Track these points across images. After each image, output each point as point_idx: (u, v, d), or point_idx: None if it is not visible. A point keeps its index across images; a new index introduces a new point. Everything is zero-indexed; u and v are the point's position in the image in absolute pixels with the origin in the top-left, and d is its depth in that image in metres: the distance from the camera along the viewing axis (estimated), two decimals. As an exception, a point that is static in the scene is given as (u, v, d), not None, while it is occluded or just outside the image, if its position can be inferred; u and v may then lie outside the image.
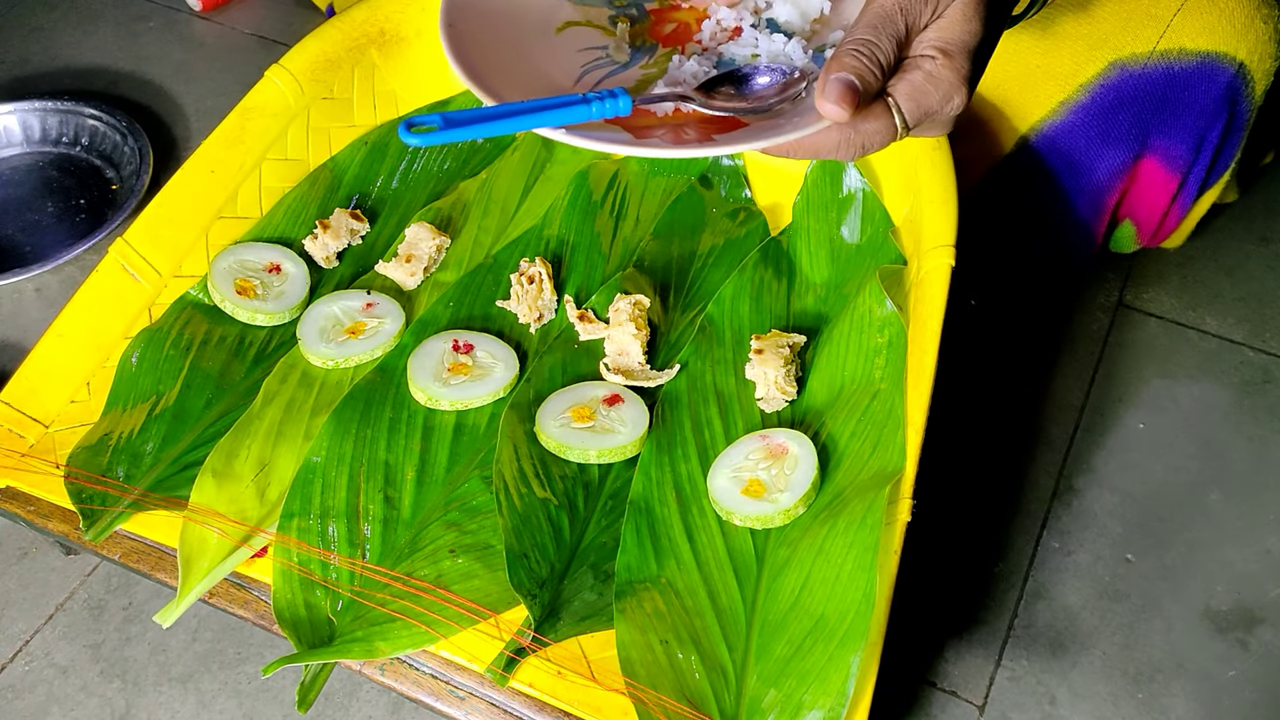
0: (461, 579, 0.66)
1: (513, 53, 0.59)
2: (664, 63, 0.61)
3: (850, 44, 0.53)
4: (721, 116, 0.57)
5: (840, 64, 0.52)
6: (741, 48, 0.62)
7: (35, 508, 0.70)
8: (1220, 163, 0.84)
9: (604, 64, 0.61)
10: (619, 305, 0.78)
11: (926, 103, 0.54)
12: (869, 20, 0.53)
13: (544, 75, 0.59)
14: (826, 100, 0.51)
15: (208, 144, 0.85)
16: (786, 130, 0.54)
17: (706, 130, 0.56)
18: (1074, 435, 0.85)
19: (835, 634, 0.61)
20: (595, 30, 0.63)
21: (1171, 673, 0.73)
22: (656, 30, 0.63)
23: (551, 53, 0.61)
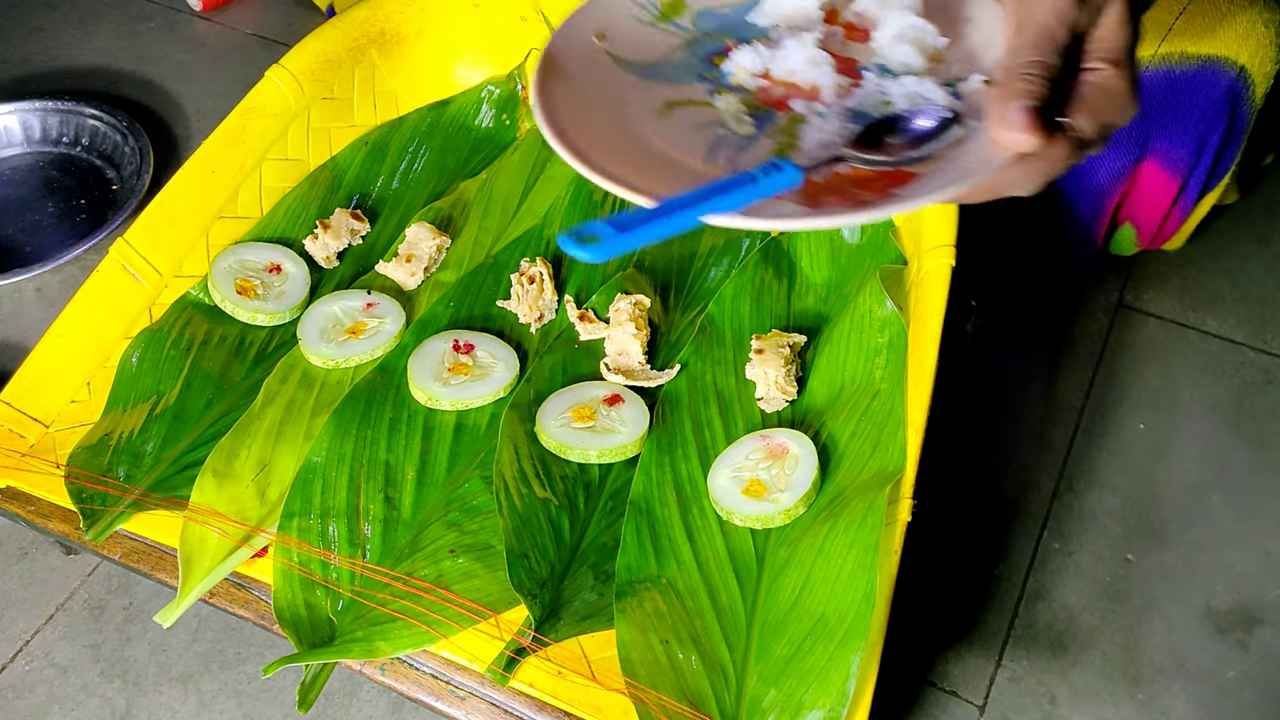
0: (462, 579, 0.66)
1: (633, 145, 0.56)
2: (791, 129, 0.57)
3: (1019, 67, 0.49)
4: (884, 171, 0.53)
5: (1014, 90, 0.49)
6: (869, 97, 0.58)
7: (36, 507, 0.70)
8: (1221, 166, 0.84)
9: (730, 140, 0.57)
10: (619, 305, 0.79)
11: (1103, 117, 0.51)
12: (1031, 39, 0.50)
13: (674, 161, 0.56)
14: (1011, 130, 0.48)
15: (208, 144, 0.85)
16: (971, 172, 0.50)
17: (875, 186, 0.52)
18: (1074, 436, 0.85)
19: (835, 634, 0.61)
20: (701, 107, 0.59)
21: (1172, 673, 0.73)
22: (765, 97, 0.59)
23: (670, 137, 0.57)
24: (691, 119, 0.58)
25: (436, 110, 0.96)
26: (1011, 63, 0.50)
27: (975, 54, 0.59)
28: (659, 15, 0.64)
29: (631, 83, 0.60)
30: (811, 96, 0.58)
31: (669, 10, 0.64)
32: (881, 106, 0.57)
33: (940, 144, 0.53)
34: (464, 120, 0.96)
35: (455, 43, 0.97)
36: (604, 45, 0.61)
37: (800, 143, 0.56)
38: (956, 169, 0.52)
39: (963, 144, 0.53)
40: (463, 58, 0.97)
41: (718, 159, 0.56)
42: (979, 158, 0.51)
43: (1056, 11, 0.50)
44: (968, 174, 0.50)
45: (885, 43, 0.60)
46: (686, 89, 0.60)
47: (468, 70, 0.97)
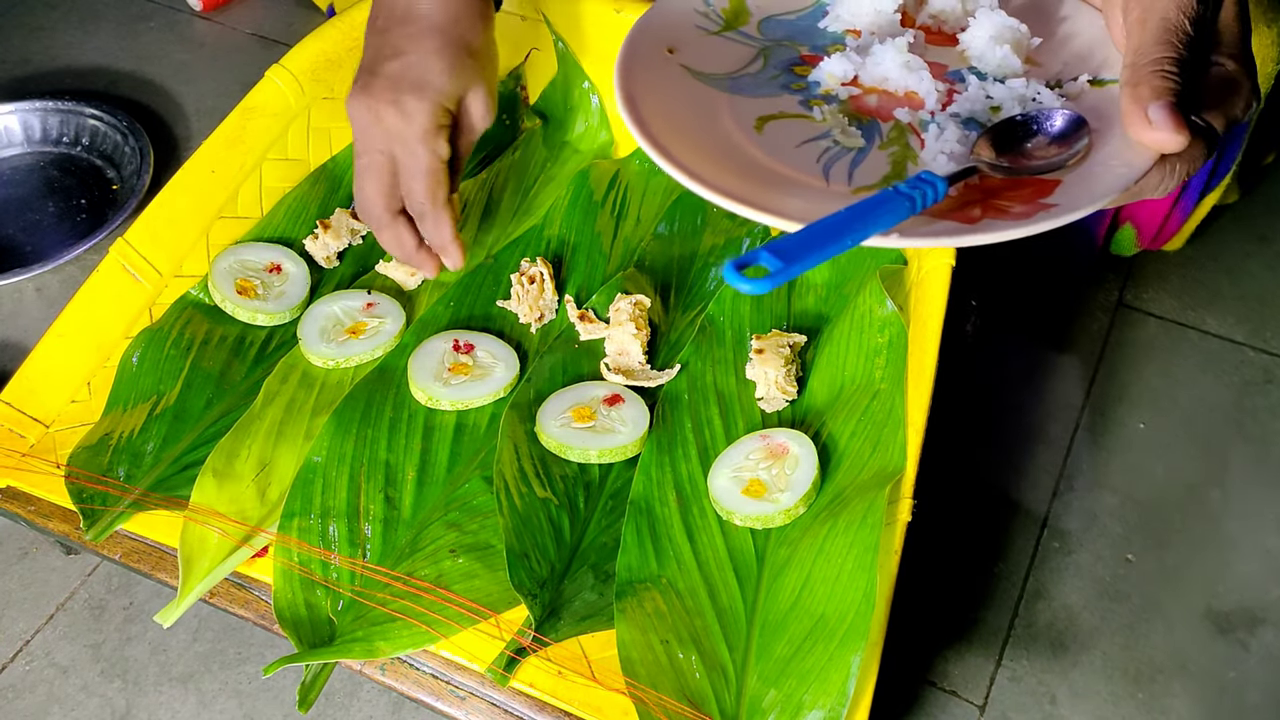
0: (462, 579, 0.66)
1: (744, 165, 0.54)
2: (901, 139, 0.56)
3: (1150, 64, 0.48)
4: (1018, 179, 0.52)
5: (1153, 88, 0.47)
6: (974, 102, 0.56)
7: (36, 507, 0.70)
8: (1221, 166, 0.84)
9: (839, 153, 0.55)
10: (619, 305, 0.78)
11: (1232, 112, 0.50)
12: (1158, 35, 0.49)
13: (793, 180, 0.54)
14: (1159, 130, 0.47)
15: (208, 144, 0.85)
16: (1121, 176, 0.49)
17: (1020, 196, 0.51)
18: (1074, 435, 0.85)
19: (836, 634, 0.61)
20: (797, 120, 0.57)
21: (1172, 673, 0.73)
22: (861, 105, 0.58)
23: (776, 153, 0.55)
24: (791, 133, 0.56)
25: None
26: (1140, 60, 0.49)
27: (1072, 55, 0.57)
28: (723, 25, 0.62)
29: (718, 96, 0.58)
30: (914, 104, 0.57)
31: (732, 19, 0.62)
32: (989, 111, 0.56)
33: (1073, 149, 0.51)
34: (464, 120, 0.96)
35: (455, 42, 0.96)
36: (677, 59, 0.59)
37: (920, 154, 0.54)
38: (1102, 174, 0.50)
39: (1097, 148, 0.52)
40: (463, 57, 0.97)
41: (836, 175, 0.54)
42: (1122, 160, 0.50)
43: (1180, 5, 0.49)
44: (1118, 178, 0.49)
45: (979, 44, 0.58)
46: (776, 101, 0.58)
47: (468, 70, 0.97)
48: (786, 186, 0.53)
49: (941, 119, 0.56)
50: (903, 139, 0.56)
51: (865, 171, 0.54)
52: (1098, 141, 0.52)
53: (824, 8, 0.64)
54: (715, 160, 0.54)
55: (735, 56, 0.60)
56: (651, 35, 0.60)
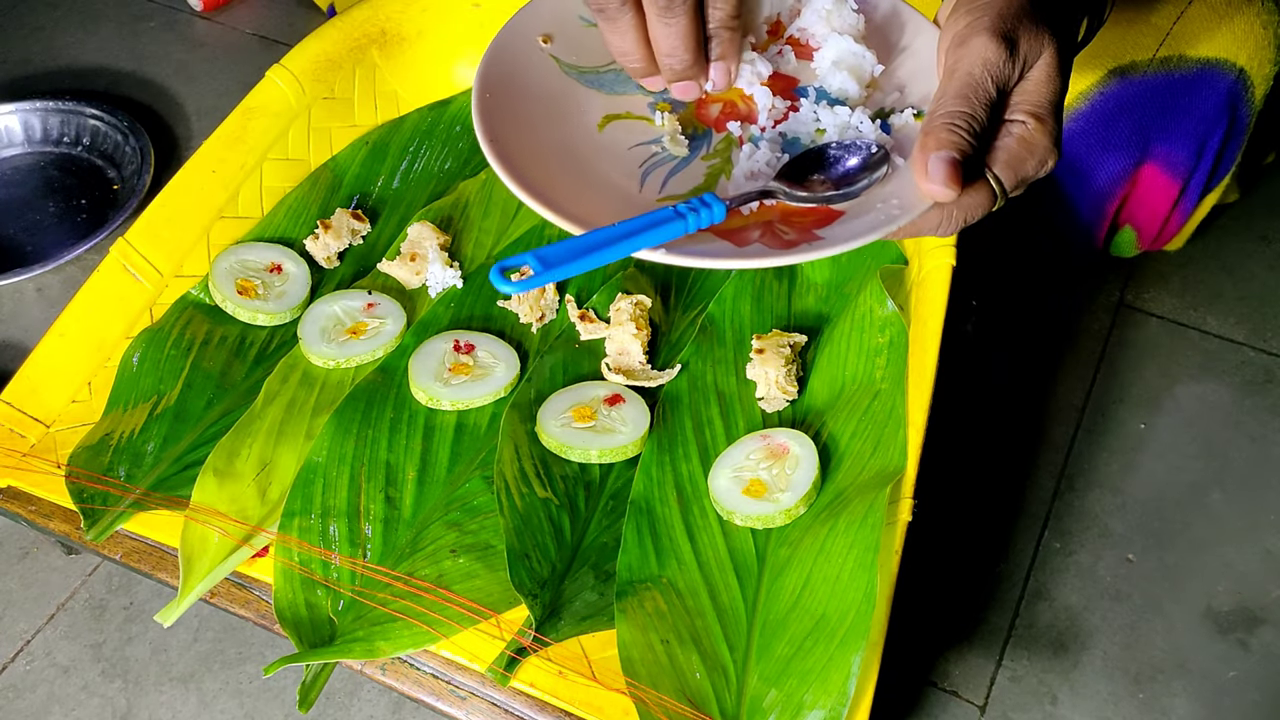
0: (463, 579, 0.66)
1: (568, 163, 0.55)
2: (726, 152, 0.57)
3: (943, 116, 0.50)
4: (809, 207, 0.53)
5: (938, 140, 0.49)
6: (803, 124, 0.57)
7: (36, 507, 0.70)
8: (1221, 168, 0.84)
9: (663, 159, 0.57)
10: (620, 305, 0.79)
11: (1023, 170, 0.51)
12: (958, 89, 0.51)
13: (607, 183, 0.55)
14: (932, 182, 0.49)
15: (209, 144, 0.85)
16: (893, 217, 0.50)
17: (799, 223, 0.52)
18: (1075, 435, 0.85)
19: (836, 634, 0.61)
20: (639, 122, 0.58)
21: (1172, 673, 0.73)
22: (703, 114, 0.59)
23: (604, 154, 0.56)
24: (628, 135, 0.58)
25: (437, 110, 0.96)
26: (938, 110, 0.51)
27: (908, 84, 0.58)
28: None
29: (573, 90, 0.59)
30: (748, 119, 0.58)
31: None
32: (815, 134, 0.57)
33: (865, 182, 0.53)
34: (464, 120, 0.96)
35: (456, 43, 0.97)
36: (549, 48, 0.60)
37: (734, 169, 0.56)
38: (880, 212, 0.52)
39: (886, 183, 0.53)
40: (463, 58, 0.97)
41: (650, 181, 0.55)
42: (901, 201, 0.51)
43: (985, 63, 0.51)
44: (888, 219, 0.51)
45: (825, 66, 0.60)
46: (626, 100, 0.59)
47: (468, 70, 0.97)
48: (596, 189, 0.54)
49: (765, 138, 0.57)
50: (726, 152, 0.57)
51: (679, 181, 0.55)
52: (895, 176, 0.53)
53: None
54: (542, 155, 0.55)
55: (605, 52, 0.60)
56: (532, 20, 0.60)
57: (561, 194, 0.52)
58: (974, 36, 0.51)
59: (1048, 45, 0.52)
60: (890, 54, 0.60)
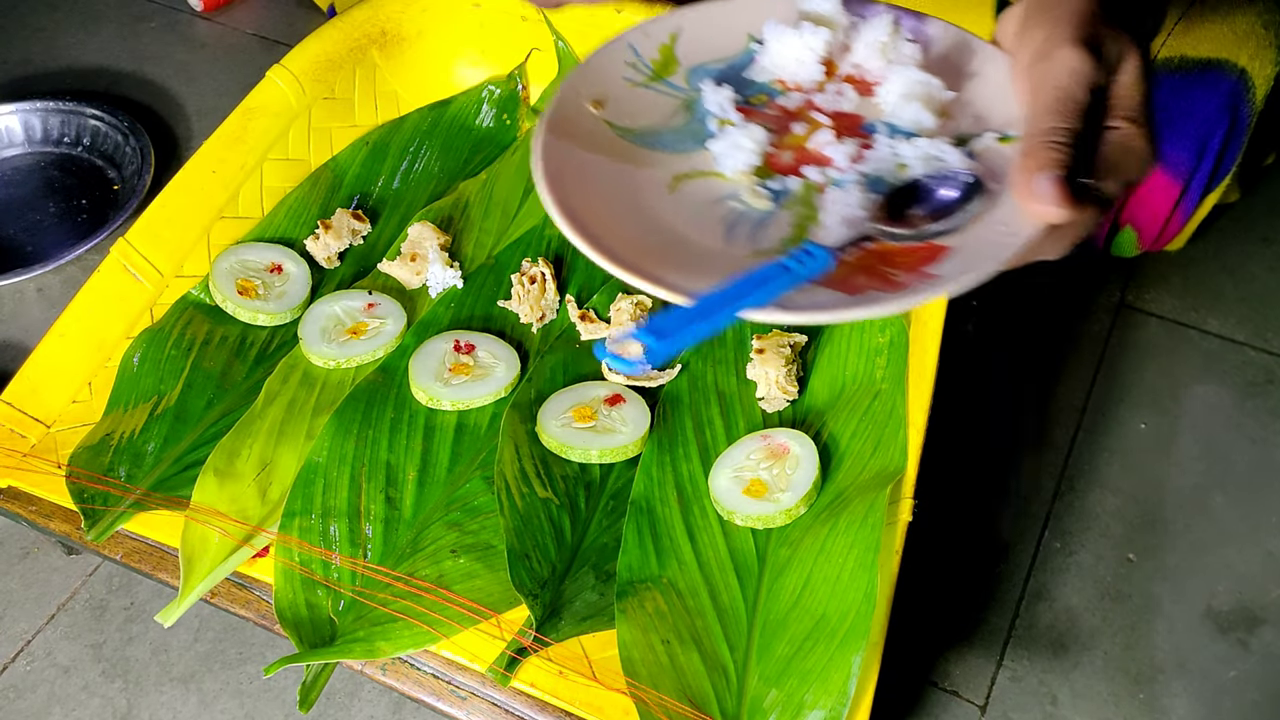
0: (463, 579, 0.66)
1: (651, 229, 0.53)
2: (808, 199, 0.55)
3: (1041, 134, 0.49)
4: (912, 245, 0.51)
5: (1040, 160, 0.48)
6: (882, 161, 0.55)
7: (37, 508, 0.70)
8: (1222, 168, 0.84)
9: (746, 214, 0.54)
10: (620, 305, 0.79)
11: (1127, 176, 0.50)
12: (1051, 104, 0.49)
13: (695, 245, 0.53)
14: (1041, 203, 0.47)
15: (209, 144, 0.85)
16: (1007, 244, 0.49)
17: (905, 263, 0.50)
18: (1075, 435, 0.85)
19: (837, 634, 0.61)
20: (711, 178, 0.56)
21: (1173, 673, 0.73)
22: (776, 163, 0.57)
23: (683, 215, 0.54)
24: (703, 193, 0.55)
25: (437, 110, 0.96)
26: (1033, 129, 0.49)
27: (984, 109, 0.56)
28: (652, 75, 0.61)
29: (636, 154, 0.57)
30: (824, 162, 0.56)
31: (661, 69, 0.61)
32: (897, 170, 0.55)
33: (966, 214, 0.51)
34: (465, 120, 0.96)
35: (456, 43, 0.97)
36: (601, 114, 0.58)
37: (821, 216, 0.54)
38: (989, 242, 0.50)
39: (989, 212, 0.51)
40: (463, 58, 0.97)
41: (737, 237, 0.53)
42: (1009, 228, 0.49)
43: (1074, 73, 0.49)
44: (1002, 247, 0.49)
45: (892, 99, 0.58)
46: (693, 158, 0.57)
47: (468, 70, 0.97)
48: (685, 252, 0.52)
49: (847, 180, 0.55)
50: (809, 199, 0.55)
51: (767, 234, 0.54)
52: (994, 204, 0.52)
53: (752, 55, 0.62)
54: (620, 223, 0.53)
55: (660, 110, 0.59)
56: (579, 86, 0.59)
57: (654, 262, 0.50)
58: (1057, 49, 0.50)
59: (1130, 46, 0.51)
60: (955, 80, 0.58)
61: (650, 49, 0.62)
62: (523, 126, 0.96)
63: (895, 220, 0.52)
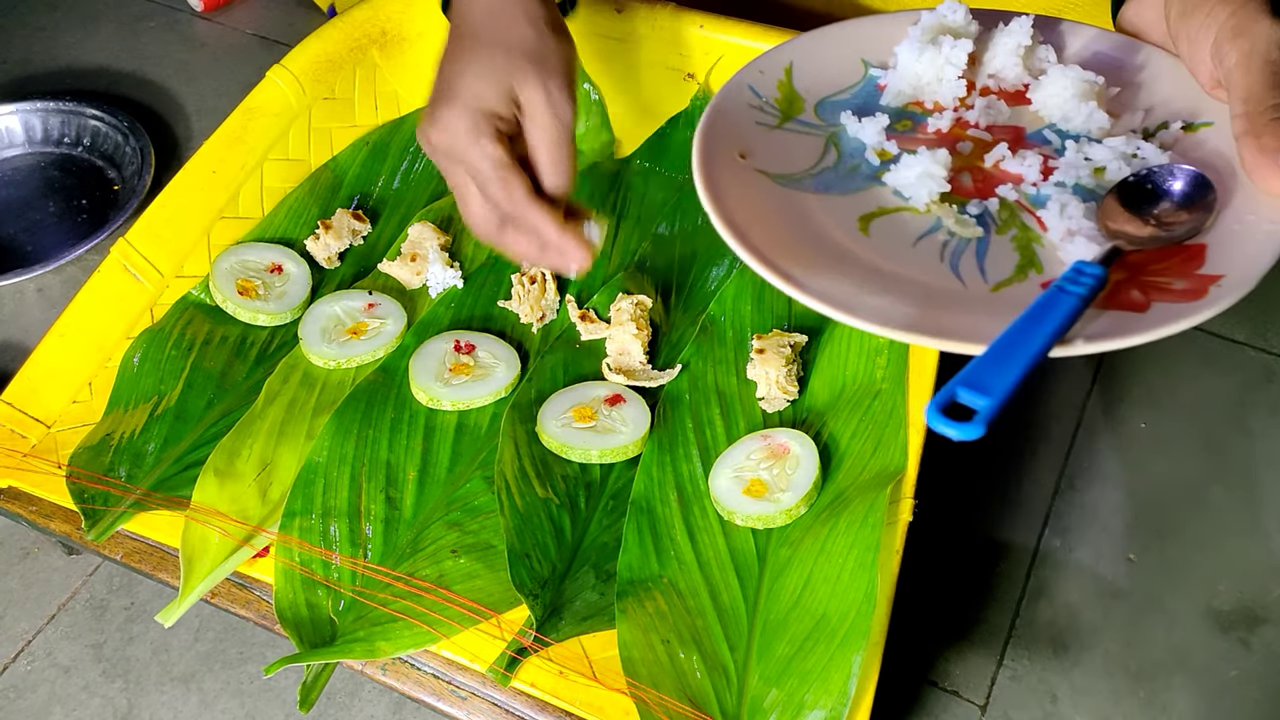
0: (463, 579, 0.66)
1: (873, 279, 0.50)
2: (1016, 220, 0.52)
3: (1267, 111, 0.47)
4: (1162, 249, 0.49)
5: (1275, 137, 0.46)
6: (1077, 167, 0.53)
7: (37, 508, 0.70)
8: None
9: (960, 245, 0.52)
10: (621, 305, 0.79)
11: None
12: (1266, 78, 0.48)
13: (929, 287, 0.50)
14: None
15: (209, 144, 0.85)
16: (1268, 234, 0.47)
17: (1174, 269, 0.48)
18: (1075, 433, 0.85)
19: (837, 633, 0.61)
20: (899, 214, 0.54)
21: (1173, 671, 0.73)
22: (960, 188, 0.54)
23: (897, 258, 0.51)
24: (899, 230, 0.53)
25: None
26: (1254, 107, 0.48)
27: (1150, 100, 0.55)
28: (781, 116, 0.59)
29: (806, 201, 0.54)
30: (1015, 179, 0.54)
31: (787, 108, 0.59)
32: (1093, 175, 0.53)
33: (1205, 206, 0.49)
34: (465, 120, 0.96)
35: (456, 42, 0.97)
36: (751, 164, 0.55)
37: (1044, 235, 0.51)
38: (1247, 230, 0.48)
39: (1229, 201, 0.49)
40: (463, 57, 0.97)
41: (964, 272, 0.51)
42: (1264, 216, 0.48)
43: (1278, 45, 0.48)
44: (1270, 237, 0.47)
45: (1058, 102, 0.55)
46: (869, 196, 0.55)
47: (468, 70, 0.97)
48: (932, 298, 0.50)
49: (1051, 191, 0.52)
50: (1017, 220, 0.52)
51: (995, 264, 0.51)
52: (1229, 193, 0.50)
53: (875, 81, 0.60)
54: (846, 278, 0.50)
55: (806, 150, 0.57)
56: (717, 142, 0.56)
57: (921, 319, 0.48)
58: (1252, 24, 0.49)
59: None
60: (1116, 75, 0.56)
61: (769, 88, 0.60)
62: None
63: (1132, 225, 0.49)
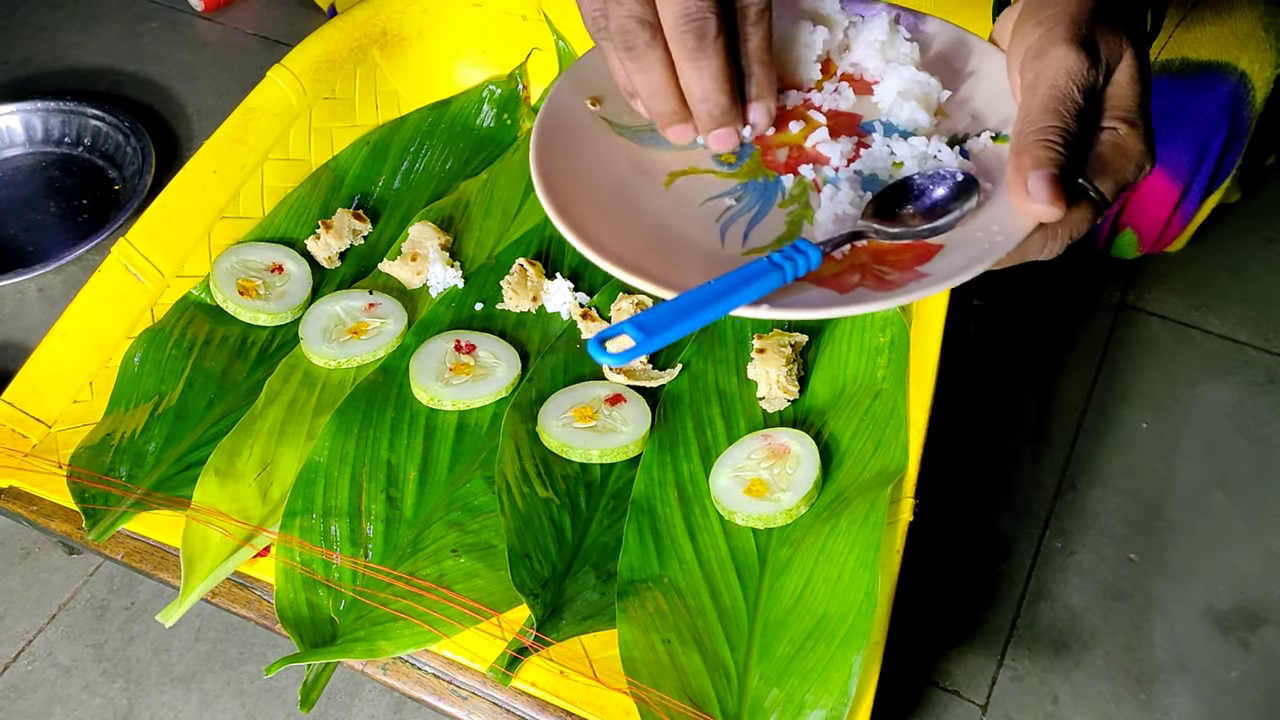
0: (464, 578, 0.66)
1: (644, 226, 0.53)
2: (803, 197, 0.55)
3: (1035, 133, 0.48)
4: (904, 243, 0.51)
5: (1035, 158, 0.48)
6: (878, 160, 0.55)
7: (38, 508, 0.70)
8: (1222, 171, 0.84)
9: (739, 211, 0.54)
10: (621, 305, 0.79)
11: (1121, 177, 0.49)
12: (1045, 103, 0.49)
13: (689, 242, 0.53)
14: (1035, 202, 0.47)
15: (210, 144, 0.85)
16: (997, 244, 0.49)
17: (897, 261, 0.50)
18: (1077, 435, 0.85)
19: (837, 633, 0.61)
20: (705, 176, 0.56)
21: (1174, 673, 0.73)
22: (770, 160, 0.57)
23: (677, 212, 0.54)
24: (697, 190, 0.55)
25: (438, 110, 0.96)
26: (1027, 127, 0.49)
27: (981, 108, 0.57)
28: None
29: (632, 150, 0.57)
30: (820, 160, 0.56)
31: None
32: (892, 169, 0.55)
33: (959, 212, 0.51)
34: (465, 120, 0.96)
35: (457, 42, 0.97)
36: (599, 110, 0.58)
37: (816, 214, 0.54)
38: (981, 240, 0.49)
39: (981, 211, 0.51)
40: (464, 57, 0.97)
41: (732, 235, 0.53)
42: (1002, 227, 0.49)
43: (1069, 73, 0.49)
44: (994, 247, 0.49)
45: (889, 98, 0.58)
46: (688, 155, 0.57)
47: (469, 70, 0.97)
48: (679, 249, 0.53)
49: (842, 177, 0.55)
50: (803, 197, 0.55)
51: (761, 232, 0.54)
52: (988, 202, 0.52)
53: None
54: (613, 220, 0.53)
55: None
56: (577, 84, 0.59)
57: (647, 259, 0.50)
58: (1051, 48, 0.50)
59: (1127, 47, 0.50)
60: (953, 79, 0.58)
61: None
62: (523, 126, 0.96)
63: (887, 218, 0.52)
